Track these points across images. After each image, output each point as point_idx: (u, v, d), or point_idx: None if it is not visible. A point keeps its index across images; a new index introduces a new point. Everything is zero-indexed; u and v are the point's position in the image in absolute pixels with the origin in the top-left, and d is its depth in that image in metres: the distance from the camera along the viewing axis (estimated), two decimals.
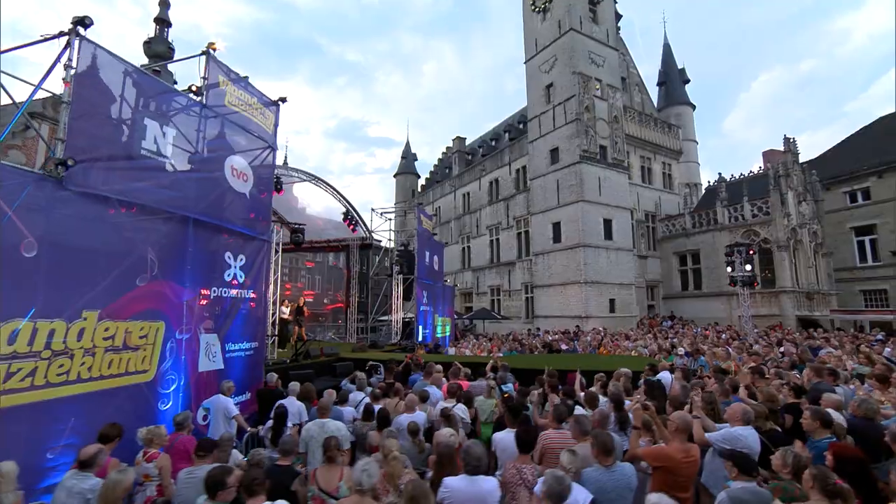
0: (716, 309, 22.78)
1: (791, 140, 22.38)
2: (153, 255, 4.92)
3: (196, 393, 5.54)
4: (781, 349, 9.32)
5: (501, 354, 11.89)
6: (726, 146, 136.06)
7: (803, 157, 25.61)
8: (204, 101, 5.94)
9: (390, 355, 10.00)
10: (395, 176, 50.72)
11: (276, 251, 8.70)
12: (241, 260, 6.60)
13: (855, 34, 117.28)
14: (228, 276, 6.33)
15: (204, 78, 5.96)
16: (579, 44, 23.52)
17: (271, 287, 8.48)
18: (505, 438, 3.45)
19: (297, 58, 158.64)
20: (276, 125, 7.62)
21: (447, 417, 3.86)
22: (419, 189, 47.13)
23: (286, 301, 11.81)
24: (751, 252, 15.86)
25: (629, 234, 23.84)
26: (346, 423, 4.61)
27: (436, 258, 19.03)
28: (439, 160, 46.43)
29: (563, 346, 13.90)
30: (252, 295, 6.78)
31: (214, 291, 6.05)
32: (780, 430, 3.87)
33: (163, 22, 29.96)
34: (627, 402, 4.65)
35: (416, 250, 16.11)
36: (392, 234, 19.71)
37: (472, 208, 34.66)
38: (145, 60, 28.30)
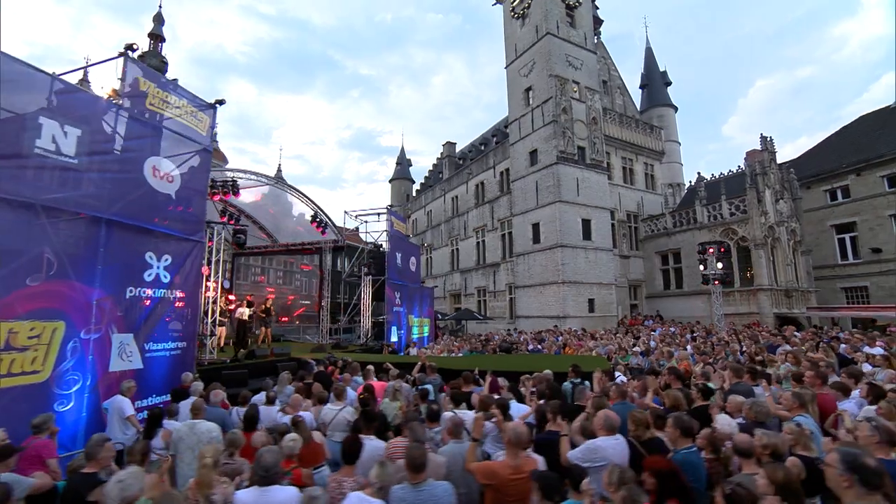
0: (697, 307, 22.68)
1: (768, 139, 22.38)
2: (51, 255, 4.90)
3: (106, 393, 5.49)
4: (728, 348, 9.22)
5: (461, 354, 11.82)
6: (726, 150, 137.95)
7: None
8: (121, 102, 5.96)
9: (349, 355, 9.91)
10: (390, 181, 51.37)
11: (218, 251, 8.67)
12: (167, 260, 6.58)
13: (851, 41, 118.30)
14: (150, 276, 6.31)
15: (121, 79, 5.98)
16: (556, 47, 23.65)
17: (212, 286, 8.45)
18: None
19: (314, 73, 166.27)
20: (211, 127, 7.64)
21: (295, 424, 3.72)
22: (414, 194, 47.37)
23: (244, 303, 11.76)
24: (721, 250, 15.81)
25: (609, 234, 23.81)
26: (235, 425, 4.54)
27: (412, 259, 19.02)
28: (434, 165, 46.70)
29: (530, 346, 13.82)
30: (179, 294, 6.75)
31: (131, 291, 6.02)
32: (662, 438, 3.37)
33: (156, 37, 30.49)
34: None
35: (387, 252, 16.10)
36: (368, 235, 19.64)
37: (460, 211, 34.74)
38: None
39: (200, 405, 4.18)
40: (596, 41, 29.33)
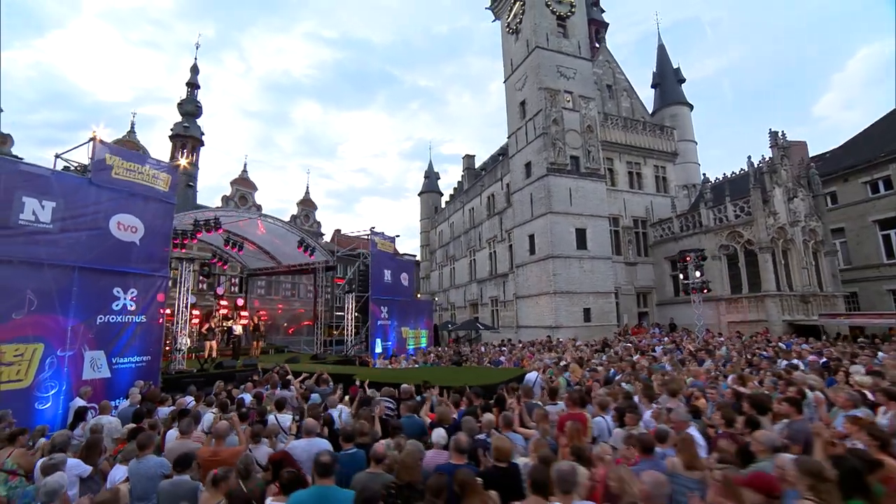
0: (707, 315, 21.40)
1: (778, 133, 20.89)
2: (32, 295, 6.88)
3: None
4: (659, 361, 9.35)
5: (417, 366, 12.86)
6: (817, 133, 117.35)
7: None
8: (90, 176, 7.99)
9: (318, 366, 11.37)
10: (419, 195, 52.63)
11: (185, 282, 10.67)
12: (133, 292, 8.50)
13: None
14: (117, 306, 8.24)
15: (91, 158, 8.01)
16: (546, 60, 24.05)
17: (182, 310, 10.43)
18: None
19: (374, 88, 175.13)
20: (172, 186, 9.56)
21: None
22: (442, 206, 48.58)
23: (236, 320, 13.83)
24: (700, 258, 15.35)
25: (607, 242, 23.45)
26: None
27: (403, 275, 20.36)
28: (462, 176, 47.72)
29: (494, 359, 14.49)
30: (143, 319, 8.63)
31: (101, 318, 7.95)
32: None
33: (192, 86, 35.19)
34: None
35: (371, 269, 17.59)
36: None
37: (475, 222, 35.62)
38: (178, 118, 33.54)
39: (106, 405, 5.79)
40: (597, 46, 29.16)
